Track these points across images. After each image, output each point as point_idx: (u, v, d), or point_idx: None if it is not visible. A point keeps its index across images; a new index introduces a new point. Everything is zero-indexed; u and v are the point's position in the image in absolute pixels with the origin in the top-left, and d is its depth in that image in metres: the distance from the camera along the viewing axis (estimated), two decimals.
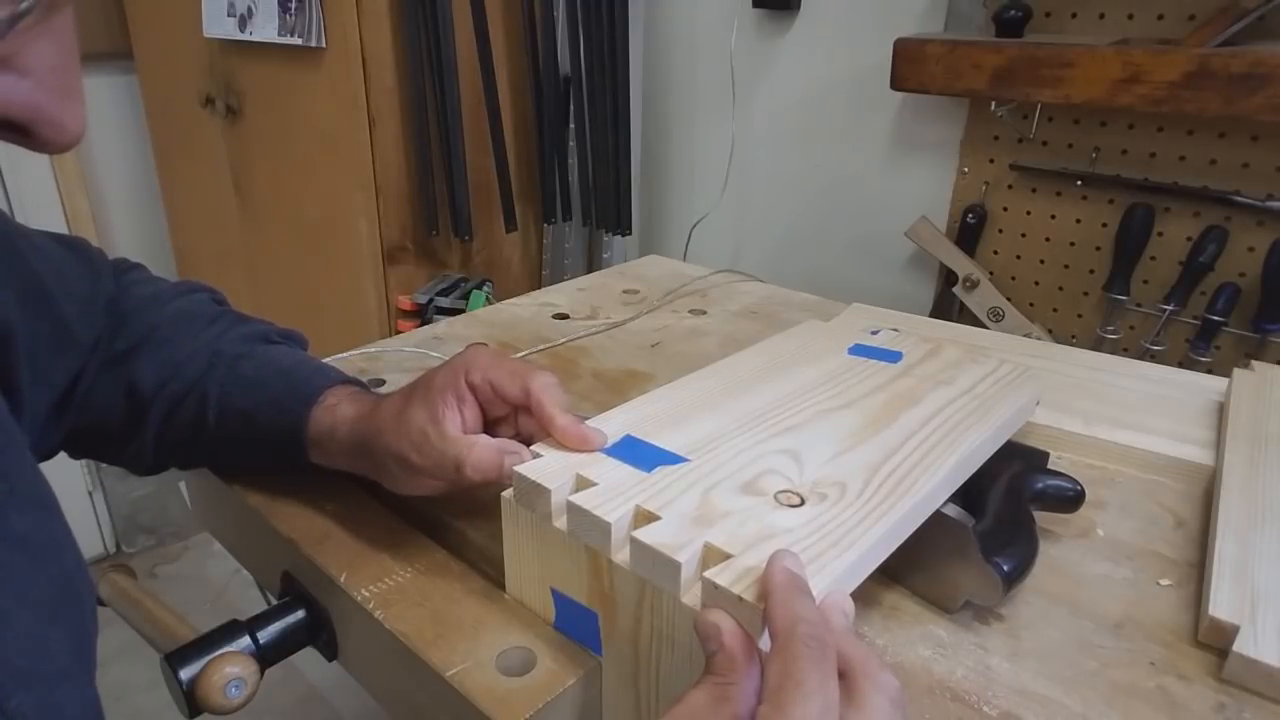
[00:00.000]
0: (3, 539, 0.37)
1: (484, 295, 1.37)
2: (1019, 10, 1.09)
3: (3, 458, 0.39)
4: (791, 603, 0.32)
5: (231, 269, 1.84)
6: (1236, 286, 1.05)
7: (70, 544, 0.41)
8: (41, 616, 0.37)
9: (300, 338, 0.62)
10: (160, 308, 0.57)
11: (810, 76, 1.41)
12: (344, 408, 0.51)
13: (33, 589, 0.38)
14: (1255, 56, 0.89)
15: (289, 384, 0.53)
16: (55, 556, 0.40)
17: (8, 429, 0.40)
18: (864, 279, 1.44)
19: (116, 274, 0.58)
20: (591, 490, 0.40)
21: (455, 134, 1.40)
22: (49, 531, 0.40)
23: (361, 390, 0.55)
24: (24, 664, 0.36)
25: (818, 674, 0.29)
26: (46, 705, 0.36)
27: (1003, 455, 0.52)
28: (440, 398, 0.47)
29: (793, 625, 0.30)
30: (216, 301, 0.61)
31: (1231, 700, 0.40)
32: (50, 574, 0.39)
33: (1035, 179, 1.19)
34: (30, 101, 0.28)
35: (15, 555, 0.37)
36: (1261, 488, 0.53)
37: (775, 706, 0.28)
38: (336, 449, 0.51)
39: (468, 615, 0.45)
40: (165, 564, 1.86)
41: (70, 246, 0.54)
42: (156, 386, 0.53)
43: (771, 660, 0.30)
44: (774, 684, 0.29)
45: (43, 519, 0.40)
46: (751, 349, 0.61)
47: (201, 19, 1.54)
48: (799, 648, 0.30)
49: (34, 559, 0.38)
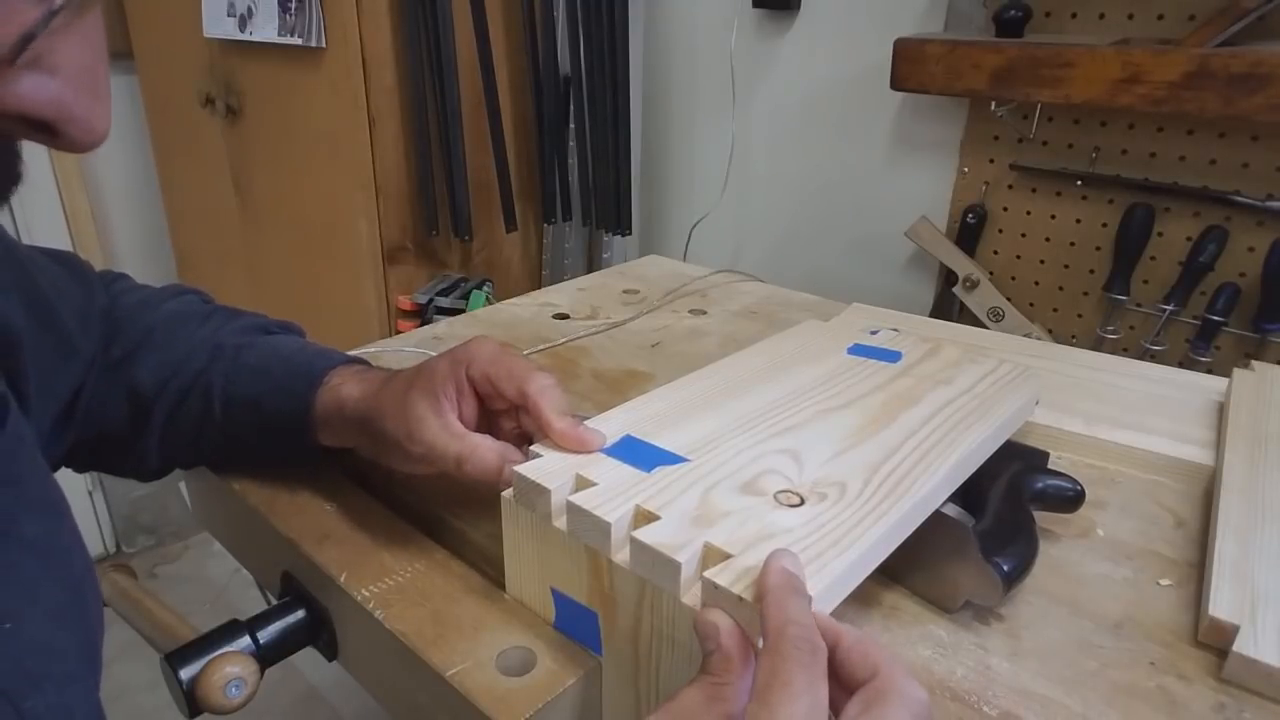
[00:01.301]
0: (15, 542, 0.37)
1: (484, 295, 1.37)
2: (1019, 10, 1.09)
3: (15, 462, 0.39)
4: (784, 604, 0.32)
5: (231, 269, 1.84)
6: (1236, 286, 1.05)
7: (80, 547, 0.42)
8: (52, 619, 0.38)
9: (297, 327, 0.62)
10: (152, 311, 0.57)
11: (810, 76, 1.41)
12: (349, 387, 0.52)
13: (44, 592, 0.38)
14: (1255, 56, 0.89)
15: (293, 368, 0.54)
16: (65, 560, 0.40)
17: (20, 432, 0.40)
18: (864, 279, 1.44)
19: (104, 285, 0.58)
20: (591, 490, 0.40)
21: (455, 134, 1.40)
22: (59, 535, 0.40)
23: (365, 368, 0.55)
24: (36, 666, 0.36)
25: (806, 675, 0.29)
26: (57, 707, 0.36)
27: (1003, 455, 0.52)
28: (441, 389, 0.47)
29: (783, 626, 0.31)
30: (205, 301, 0.61)
31: (1231, 700, 0.40)
32: (60, 577, 0.39)
33: (1035, 179, 1.19)
34: (59, 100, 0.28)
35: (27, 558, 0.38)
36: (1261, 488, 0.53)
37: (762, 704, 0.28)
38: (344, 426, 0.51)
39: (468, 615, 0.45)
40: (165, 564, 1.86)
41: (62, 261, 0.54)
42: (158, 386, 0.54)
43: (761, 660, 0.30)
44: (762, 683, 0.29)
45: (53, 522, 0.40)
46: (751, 349, 0.61)
47: (201, 19, 1.54)
48: (788, 648, 0.30)
49: (45, 562, 0.39)
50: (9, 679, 0.34)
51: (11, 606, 0.36)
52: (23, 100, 0.27)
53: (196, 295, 0.62)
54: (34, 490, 0.40)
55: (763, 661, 0.30)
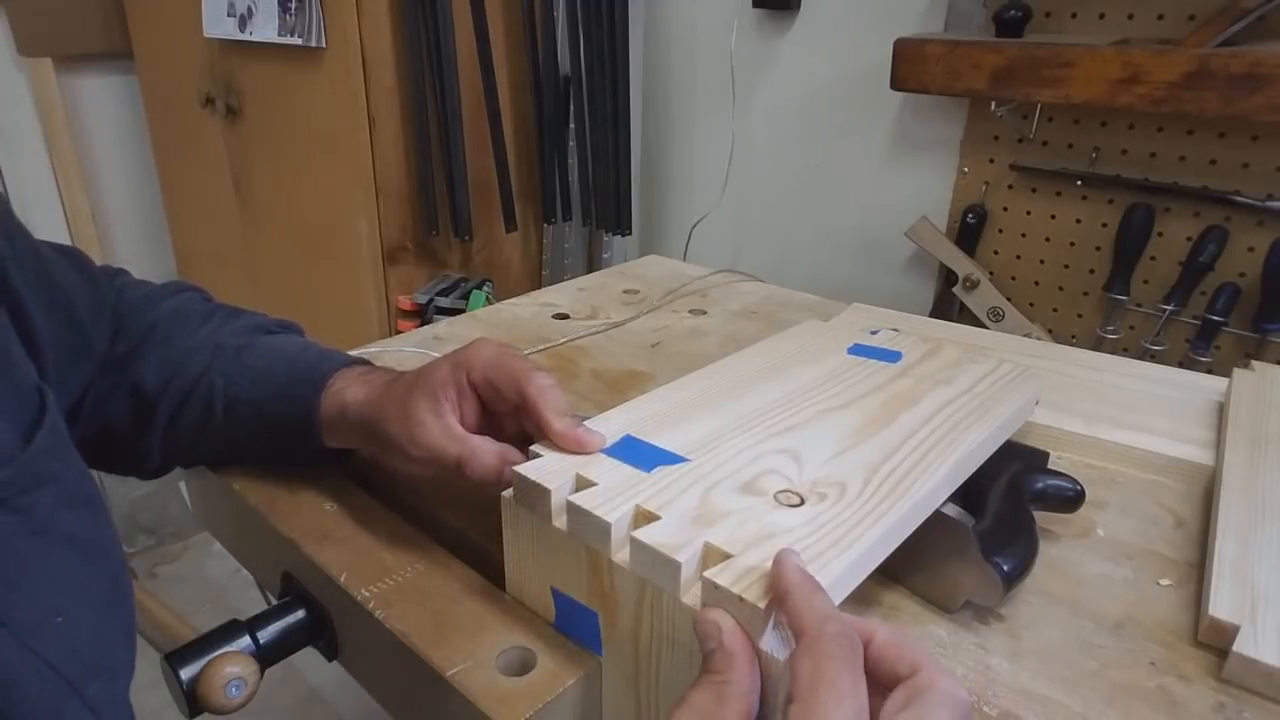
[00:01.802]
0: (58, 538, 0.38)
1: (484, 295, 1.37)
2: (1019, 10, 1.09)
3: (53, 458, 0.39)
4: (815, 600, 0.31)
5: (231, 269, 1.84)
6: (1236, 286, 1.05)
7: (115, 542, 0.43)
8: (97, 612, 0.39)
9: (297, 326, 0.62)
10: (154, 308, 0.57)
11: (810, 76, 1.41)
12: (352, 390, 0.52)
13: (88, 587, 0.39)
14: (1255, 56, 0.89)
15: (296, 372, 0.54)
16: (104, 554, 0.41)
17: (58, 427, 0.41)
18: (864, 279, 1.44)
19: (108, 280, 0.58)
20: (591, 490, 0.40)
21: (455, 134, 1.40)
22: (97, 530, 0.41)
23: (368, 369, 0.55)
24: (90, 656, 0.37)
25: (850, 674, 0.28)
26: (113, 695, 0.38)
27: (1003, 455, 0.52)
28: (442, 392, 0.47)
29: (821, 623, 0.30)
30: (205, 299, 0.61)
31: (1231, 700, 0.40)
32: (101, 571, 0.40)
33: (1035, 179, 1.19)
34: None
35: (71, 554, 0.39)
36: (1261, 488, 0.53)
37: (808, 707, 0.27)
38: (347, 429, 0.52)
39: (468, 615, 0.45)
40: (165, 564, 1.86)
41: (70, 256, 0.54)
42: (160, 385, 0.54)
43: (801, 659, 0.29)
44: (805, 684, 0.28)
45: (91, 518, 0.41)
46: (751, 349, 0.61)
47: (201, 19, 1.54)
48: (829, 646, 0.29)
49: (87, 557, 0.40)
50: (70, 666, 0.36)
51: (61, 601, 0.37)
52: None
53: (197, 293, 0.62)
54: (72, 485, 0.40)
55: (802, 661, 0.29)
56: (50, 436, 0.39)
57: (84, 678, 0.36)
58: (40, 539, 0.37)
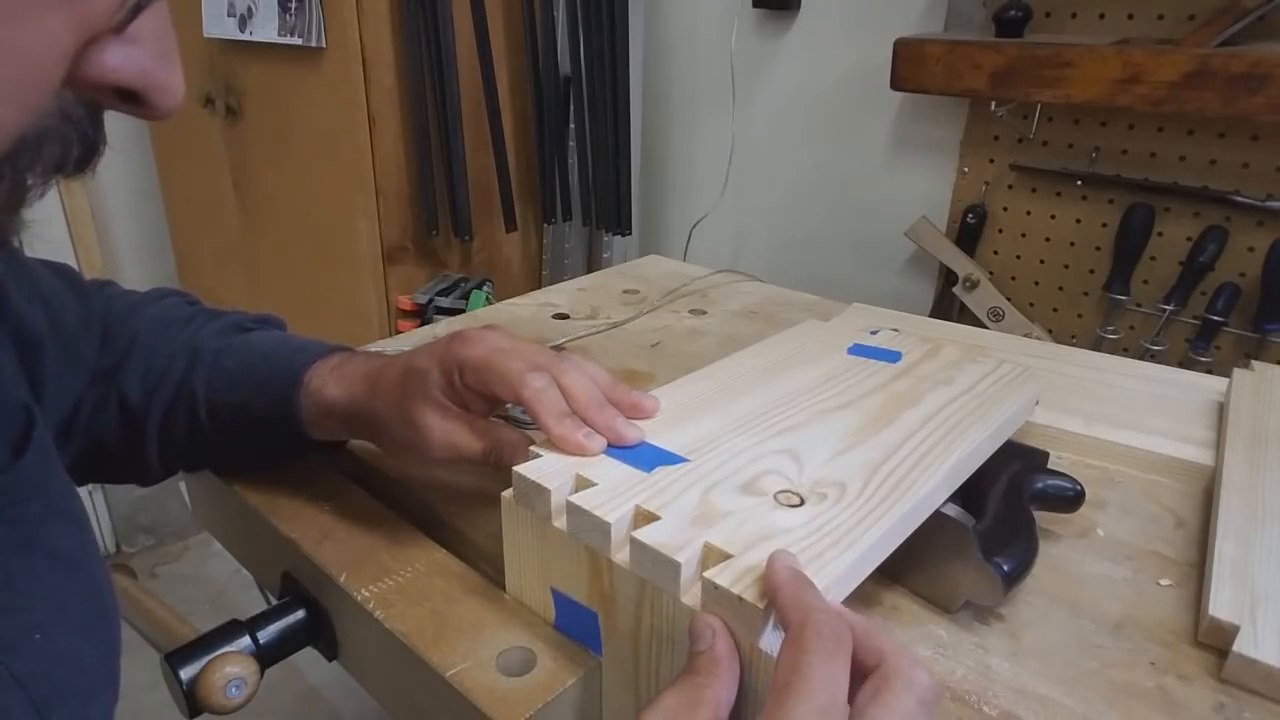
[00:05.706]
0: (44, 554, 0.38)
1: (484, 295, 1.37)
2: (1019, 10, 1.09)
3: (41, 474, 0.39)
4: (803, 594, 0.31)
5: (231, 269, 1.84)
6: (1236, 286, 1.05)
7: (99, 559, 0.42)
8: (76, 631, 0.38)
9: (276, 320, 0.61)
10: (135, 318, 0.56)
11: (810, 76, 1.41)
12: (330, 389, 0.51)
13: (71, 605, 0.38)
14: (1255, 56, 0.89)
15: (273, 367, 0.53)
16: (88, 571, 0.40)
17: (46, 444, 0.40)
18: (864, 279, 1.44)
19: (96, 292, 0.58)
20: (591, 490, 0.40)
21: (455, 134, 1.40)
22: (82, 546, 0.41)
23: (342, 361, 0.53)
24: (62, 678, 0.36)
25: (828, 668, 0.28)
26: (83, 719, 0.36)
27: (1003, 455, 0.52)
28: (443, 393, 0.47)
29: (805, 616, 0.30)
30: (189, 303, 0.60)
31: (1231, 700, 0.40)
32: (84, 589, 0.40)
33: (1035, 179, 1.19)
34: (145, 69, 0.29)
35: (55, 570, 0.38)
36: (1261, 488, 0.53)
37: (778, 702, 0.28)
38: (335, 426, 0.51)
39: (468, 615, 0.45)
40: (165, 564, 1.86)
41: (59, 272, 0.53)
42: (145, 396, 0.53)
43: (783, 652, 0.29)
44: (782, 678, 0.28)
45: (76, 534, 0.41)
46: (751, 349, 0.61)
47: (201, 19, 1.54)
48: (810, 639, 0.29)
49: (70, 574, 0.39)
50: (39, 689, 0.35)
51: (41, 618, 0.36)
52: (116, 72, 0.28)
53: (179, 297, 0.61)
54: (60, 502, 0.40)
55: (784, 654, 0.29)
56: (38, 453, 0.39)
57: (50, 700, 0.35)
58: (27, 553, 0.37)
